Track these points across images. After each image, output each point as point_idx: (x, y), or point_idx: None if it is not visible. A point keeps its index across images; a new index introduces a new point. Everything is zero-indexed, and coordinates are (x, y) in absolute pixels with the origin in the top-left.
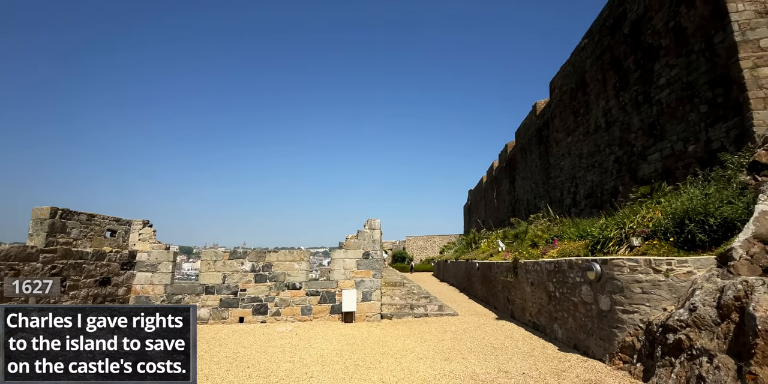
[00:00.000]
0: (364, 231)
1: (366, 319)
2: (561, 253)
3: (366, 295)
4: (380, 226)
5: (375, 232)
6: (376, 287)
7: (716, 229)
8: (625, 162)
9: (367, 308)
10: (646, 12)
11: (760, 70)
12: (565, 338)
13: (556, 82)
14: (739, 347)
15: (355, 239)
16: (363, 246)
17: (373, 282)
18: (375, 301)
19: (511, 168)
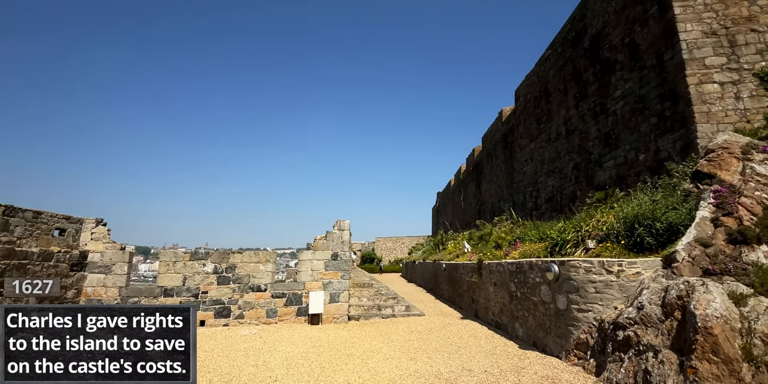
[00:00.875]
0: (333, 232)
1: (333, 321)
2: (522, 254)
3: (334, 296)
4: (349, 228)
5: (344, 233)
6: (344, 289)
7: (662, 233)
8: (583, 168)
9: (335, 310)
10: (604, 28)
11: (704, 87)
12: (525, 336)
13: (521, 91)
14: (681, 343)
15: (324, 240)
16: (331, 247)
17: (341, 283)
18: (343, 303)
19: (478, 172)
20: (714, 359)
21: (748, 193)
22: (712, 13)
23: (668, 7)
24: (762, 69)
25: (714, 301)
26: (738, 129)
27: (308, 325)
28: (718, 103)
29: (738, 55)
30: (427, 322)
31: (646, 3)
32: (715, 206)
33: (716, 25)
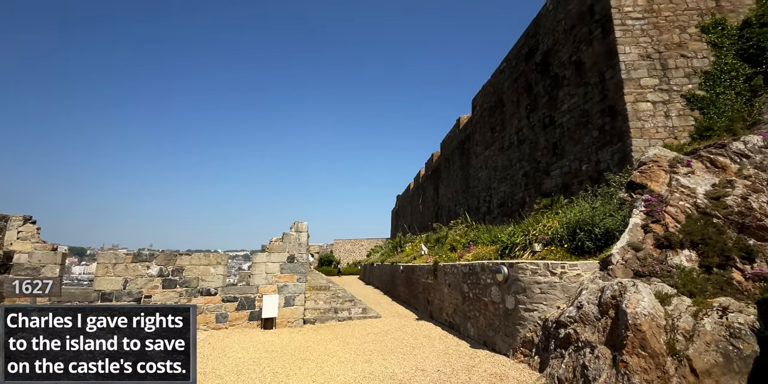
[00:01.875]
0: (290, 234)
1: (288, 325)
2: (475, 256)
3: (289, 300)
4: (307, 229)
5: (302, 235)
6: (300, 292)
7: (600, 238)
8: (532, 176)
9: (290, 313)
10: (555, 45)
11: (639, 105)
12: (476, 336)
13: (477, 100)
14: (615, 339)
15: (280, 242)
16: (288, 249)
17: (297, 286)
18: (298, 306)
19: (436, 176)
20: (642, 354)
21: (674, 203)
22: (647, 38)
23: (610, 31)
24: (689, 91)
25: (643, 301)
26: (667, 144)
27: (261, 330)
28: (650, 121)
29: (669, 77)
30: (384, 323)
31: (591, 25)
32: (645, 214)
33: (651, 50)
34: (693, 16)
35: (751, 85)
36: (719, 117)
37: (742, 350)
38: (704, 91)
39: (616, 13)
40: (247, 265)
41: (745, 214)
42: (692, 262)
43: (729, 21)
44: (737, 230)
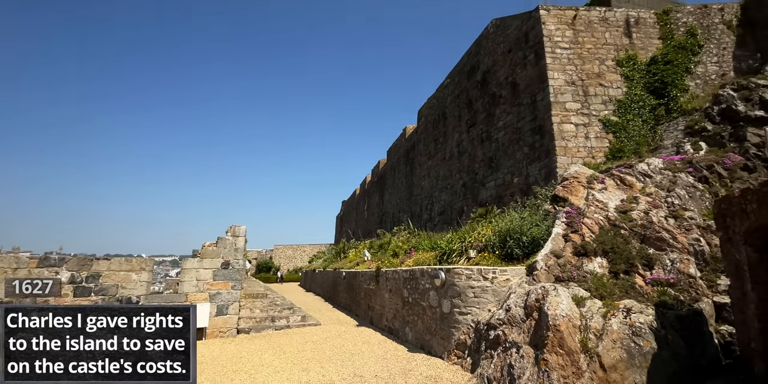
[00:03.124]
0: (226, 238)
1: (220, 335)
2: (416, 262)
3: (222, 308)
4: (245, 234)
5: (239, 240)
6: (235, 300)
7: (527, 246)
8: (470, 187)
9: (222, 323)
10: (494, 66)
11: (563, 126)
12: (414, 340)
13: (423, 112)
14: (537, 339)
15: (214, 247)
16: (223, 254)
17: (232, 294)
18: (232, 315)
19: (382, 183)
20: (560, 352)
21: (590, 215)
22: (573, 67)
23: (542, 57)
24: (605, 116)
25: (562, 303)
26: (586, 163)
27: None
28: (573, 141)
29: (589, 103)
30: (323, 331)
31: (526, 50)
32: (566, 225)
33: (575, 77)
34: (610, 51)
35: (655, 114)
36: (629, 141)
37: (642, 347)
38: (617, 117)
39: (547, 42)
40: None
41: (647, 226)
42: (603, 268)
43: (639, 57)
44: (640, 241)
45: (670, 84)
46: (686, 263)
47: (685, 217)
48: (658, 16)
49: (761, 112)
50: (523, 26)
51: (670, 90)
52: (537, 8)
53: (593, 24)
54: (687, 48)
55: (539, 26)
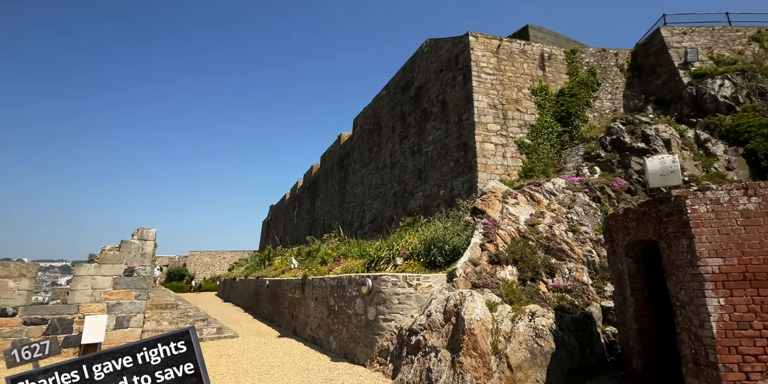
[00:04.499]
0: (132, 242)
1: None
2: (344, 269)
3: (122, 321)
4: (155, 237)
5: (147, 244)
6: (139, 311)
7: (449, 254)
8: (401, 196)
9: (122, 337)
10: (426, 83)
11: (485, 145)
12: (338, 349)
13: (358, 120)
14: (454, 343)
15: (116, 252)
16: (127, 260)
17: (135, 305)
18: (134, 328)
19: (314, 189)
20: (474, 354)
21: (504, 227)
22: (495, 91)
23: (469, 79)
24: (520, 139)
25: (477, 308)
26: (502, 179)
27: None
28: (492, 159)
29: (507, 125)
30: (241, 343)
31: (456, 72)
32: (483, 235)
33: (496, 101)
34: (527, 80)
35: (561, 140)
36: (539, 162)
37: (543, 347)
38: (530, 141)
39: (474, 66)
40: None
41: (550, 239)
42: (513, 275)
43: (550, 88)
44: (544, 251)
45: (574, 114)
46: (581, 272)
47: (582, 232)
48: (566, 54)
49: (642, 144)
50: (454, 49)
51: (574, 120)
52: (467, 34)
53: (514, 55)
54: (588, 84)
55: (468, 51)
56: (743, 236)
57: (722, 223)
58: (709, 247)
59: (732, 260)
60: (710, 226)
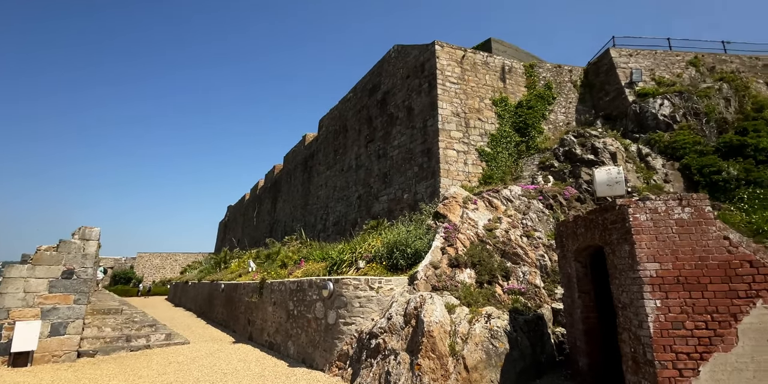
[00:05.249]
0: (72, 242)
1: (53, 360)
2: (305, 273)
3: (58, 327)
4: (99, 237)
5: (89, 244)
6: (78, 316)
7: (411, 257)
8: (365, 199)
9: (57, 345)
10: (393, 88)
11: (448, 151)
12: (296, 354)
13: (324, 121)
14: (413, 345)
15: (54, 252)
16: (66, 261)
17: (74, 309)
18: (72, 335)
19: (276, 190)
20: (432, 356)
21: (463, 231)
22: (458, 100)
23: (434, 87)
24: (481, 147)
25: (436, 311)
26: (463, 185)
27: (8, 369)
28: (454, 165)
29: (469, 133)
30: (192, 350)
31: (422, 79)
32: (444, 239)
33: (459, 109)
34: (489, 91)
35: (518, 149)
36: (497, 169)
37: (498, 348)
38: (490, 149)
39: (439, 75)
40: None
41: (506, 243)
42: (472, 278)
43: (510, 100)
44: (501, 255)
45: (531, 126)
46: (534, 275)
47: (535, 237)
48: (526, 68)
49: (592, 156)
50: (421, 57)
51: (531, 131)
52: (433, 43)
53: (477, 66)
54: (545, 98)
55: (434, 59)
56: (677, 243)
57: (659, 230)
58: (648, 253)
59: (667, 265)
60: (649, 234)
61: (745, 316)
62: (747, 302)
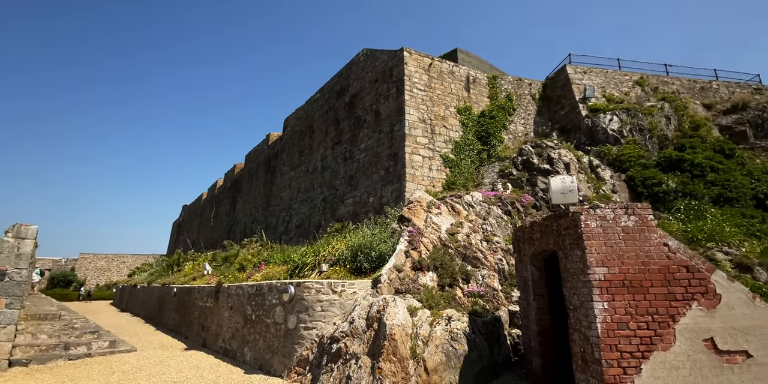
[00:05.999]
0: (5, 240)
1: None
2: (265, 276)
3: None
4: (36, 236)
5: (24, 243)
6: (10, 322)
7: (375, 260)
8: (330, 202)
9: None
10: (361, 91)
11: (413, 157)
12: (252, 360)
13: (290, 121)
14: (375, 349)
15: None
16: None
17: (5, 314)
18: (2, 342)
19: (236, 189)
20: (393, 359)
21: (427, 235)
22: (425, 107)
23: (402, 93)
24: (445, 153)
25: (398, 314)
26: (428, 190)
27: None
28: (420, 170)
29: (434, 140)
30: (139, 358)
31: (390, 84)
32: (408, 242)
33: (426, 116)
34: (454, 99)
35: (480, 157)
36: (460, 176)
37: (457, 350)
38: (454, 156)
39: (407, 81)
40: None
41: (467, 247)
42: (434, 281)
43: (473, 109)
44: (462, 258)
45: (492, 135)
46: (492, 278)
47: (494, 241)
48: (489, 79)
49: (547, 166)
50: (389, 62)
51: (492, 140)
52: (402, 49)
53: (443, 74)
54: (506, 109)
55: (402, 66)
56: (623, 248)
57: (608, 237)
58: (598, 258)
59: (614, 269)
60: (599, 239)
61: (681, 317)
62: (683, 304)
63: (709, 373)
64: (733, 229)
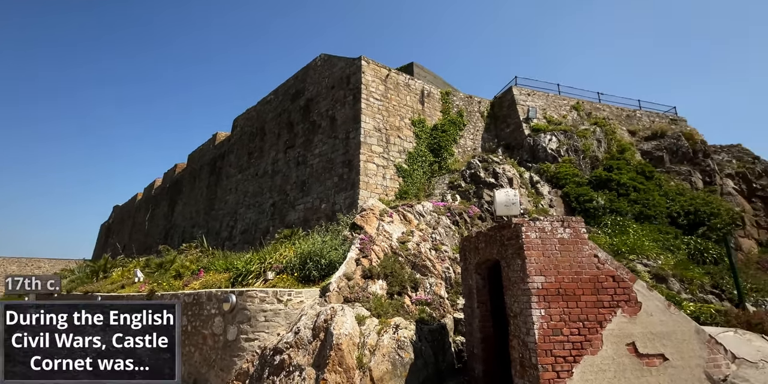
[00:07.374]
0: None
1: None
2: (204, 284)
3: None
4: None
5: None
6: None
7: (325, 268)
8: (280, 207)
9: None
10: (317, 96)
11: (368, 165)
12: (186, 375)
13: (240, 121)
14: (320, 360)
15: None
16: None
17: None
18: None
19: (176, 191)
20: (339, 370)
21: (378, 243)
22: (381, 116)
23: (358, 101)
24: (399, 163)
25: (346, 323)
26: (381, 198)
27: None
28: (374, 178)
29: (389, 149)
30: None
31: (347, 91)
32: (359, 250)
33: (382, 125)
34: (409, 111)
35: (432, 168)
36: (413, 186)
37: (404, 358)
38: (407, 166)
39: (364, 89)
40: None
41: (417, 255)
42: (383, 289)
43: (427, 122)
44: (411, 267)
45: (444, 148)
46: (439, 286)
47: (442, 250)
48: (442, 94)
49: (493, 180)
50: (347, 69)
51: (443, 152)
52: (360, 58)
53: (400, 86)
54: (457, 124)
55: (360, 74)
56: (559, 259)
57: (546, 247)
58: (536, 267)
59: (551, 278)
60: (538, 250)
61: (608, 323)
62: (610, 311)
63: (631, 376)
64: (651, 243)
